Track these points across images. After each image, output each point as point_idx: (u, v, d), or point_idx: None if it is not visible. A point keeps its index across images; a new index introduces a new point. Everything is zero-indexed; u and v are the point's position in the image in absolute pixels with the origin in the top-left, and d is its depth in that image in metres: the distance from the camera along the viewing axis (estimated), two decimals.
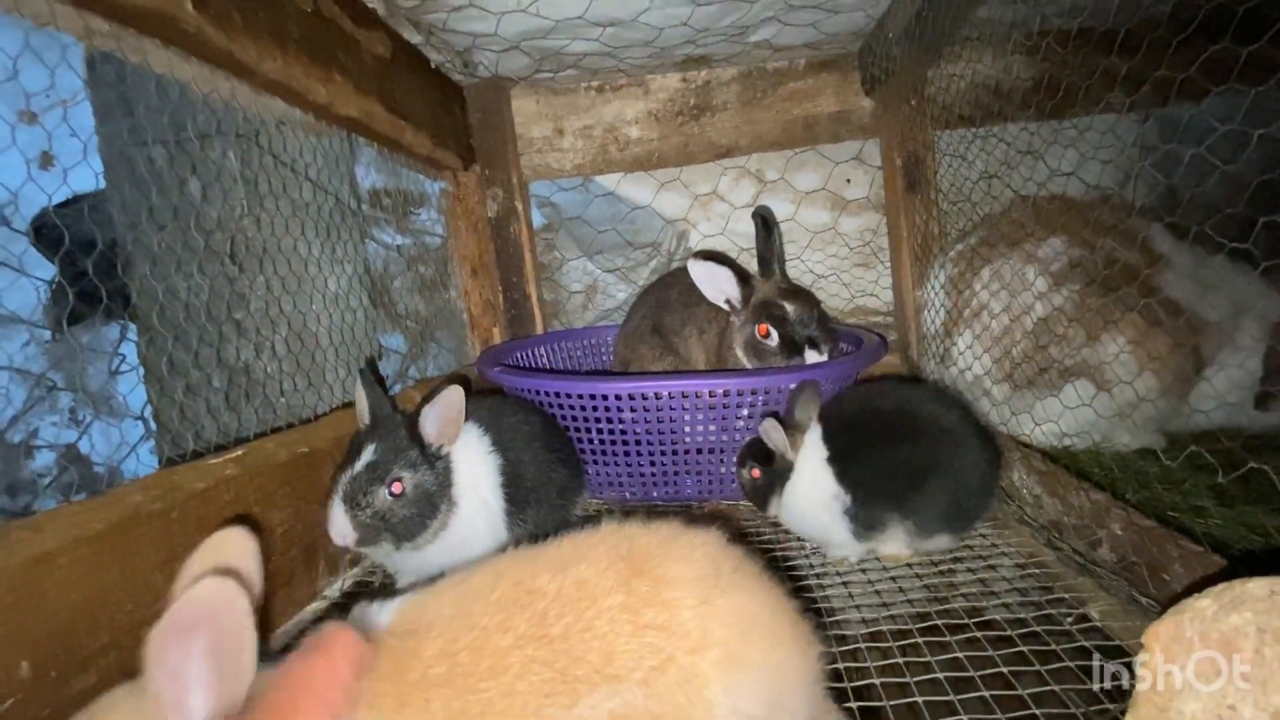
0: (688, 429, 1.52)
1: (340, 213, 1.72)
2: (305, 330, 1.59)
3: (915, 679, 0.91)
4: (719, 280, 1.64)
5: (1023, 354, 1.60)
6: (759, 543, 1.38)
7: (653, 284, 1.99)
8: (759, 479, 1.31)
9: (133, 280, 1.47)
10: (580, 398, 1.50)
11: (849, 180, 2.30)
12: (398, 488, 1.12)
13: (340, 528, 1.10)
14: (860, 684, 0.93)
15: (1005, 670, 0.91)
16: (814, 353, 1.56)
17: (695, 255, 1.66)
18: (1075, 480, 1.22)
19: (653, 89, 2.18)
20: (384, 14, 1.53)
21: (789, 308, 1.58)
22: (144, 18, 0.91)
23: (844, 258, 2.32)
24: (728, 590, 0.71)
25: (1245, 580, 0.64)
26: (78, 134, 1.17)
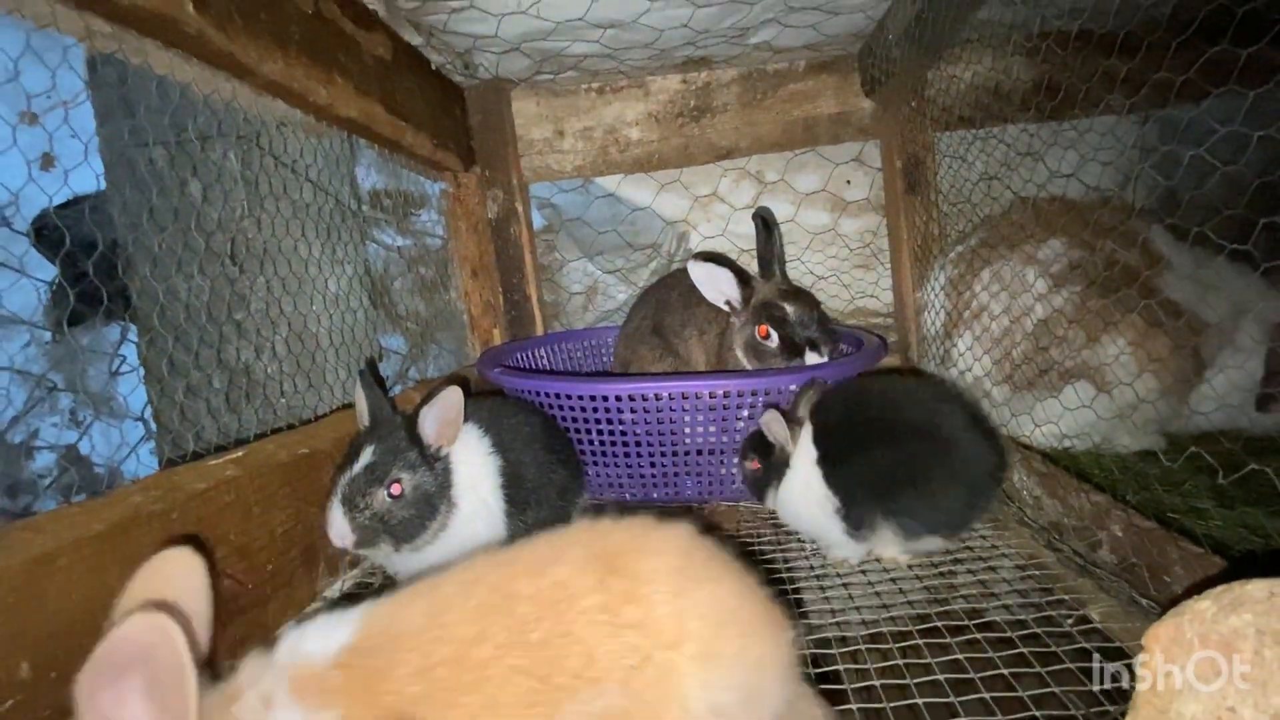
0: (688, 430, 1.52)
1: (341, 214, 1.72)
2: (305, 331, 1.59)
3: (915, 680, 0.91)
4: (719, 281, 1.64)
5: (1023, 355, 1.60)
6: (760, 543, 1.38)
7: (653, 285, 1.99)
8: (758, 471, 1.31)
9: (133, 281, 1.48)
10: (580, 399, 1.50)
11: (849, 182, 2.30)
12: (396, 489, 1.12)
13: (339, 529, 1.10)
14: (860, 685, 0.93)
15: (1005, 672, 0.91)
16: (814, 354, 1.56)
17: (695, 256, 1.67)
18: (1075, 482, 1.22)
19: (653, 90, 2.18)
20: (384, 15, 1.53)
21: (789, 309, 1.58)
22: (145, 19, 0.91)
23: (844, 259, 2.32)
24: (700, 582, 0.71)
25: (1245, 582, 0.64)
26: (79, 135, 1.17)
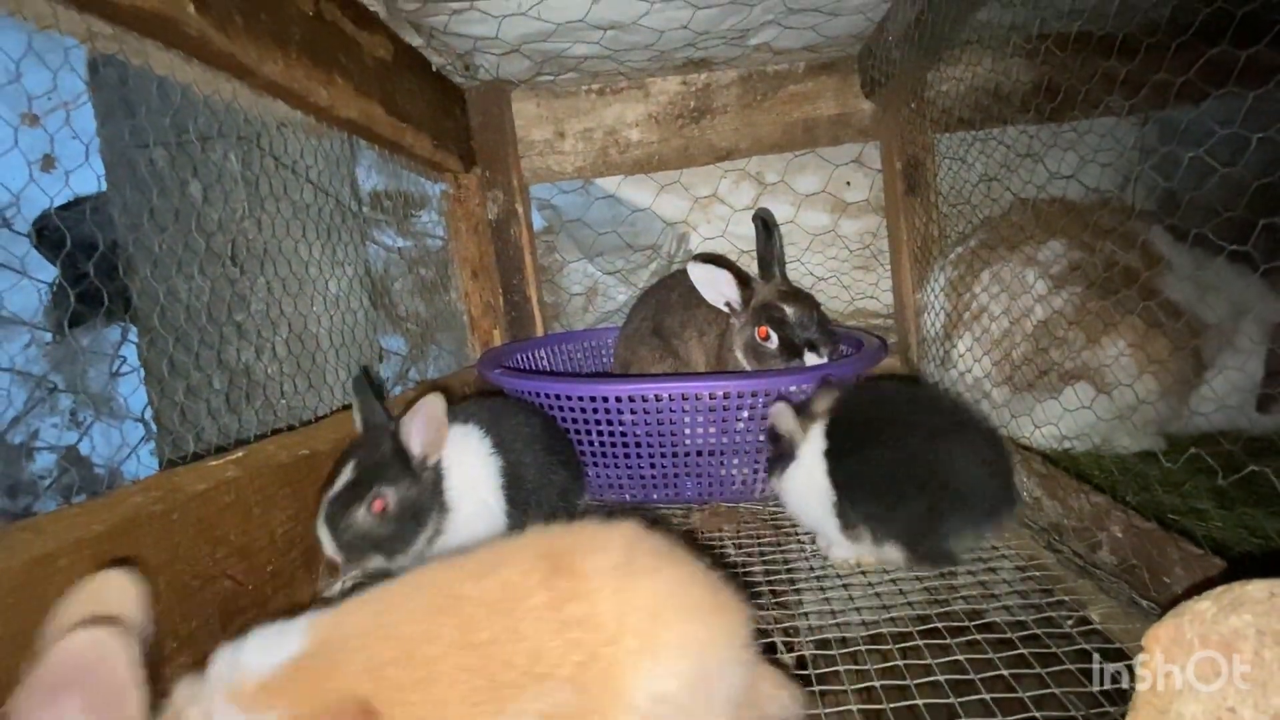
0: (688, 431, 1.52)
1: (341, 215, 1.72)
2: (306, 332, 1.59)
3: (915, 681, 0.91)
4: (719, 283, 1.64)
5: (1023, 357, 1.60)
6: (761, 544, 1.38)
7: (653, 286, 2.00)
8: (771, 454, 1.36)
9: (134, 282, 1.48)
10: (580, 400, 1.50)
11: (849, 183, 2.30)
12: (379, 505, 1.10)
13: (327, 548, 1.10)
14: (861, 686, 0.93)
15: (1006, 673, 0.91)
16: (813, 355, 1.56)
17: (695, 258, 1.67)
18: (1075, 483, 1.22)
19: (653, 92, 2.19)
20: (385, 17, 1.53)
21: (789, 310, 1.59)
22: (146, 20, 0.91)
23: (844, 260, 2.32)
24: (640, 575, 0.71)
25: (1245, 582, 0.64)
26: (79, 136, 1.17)
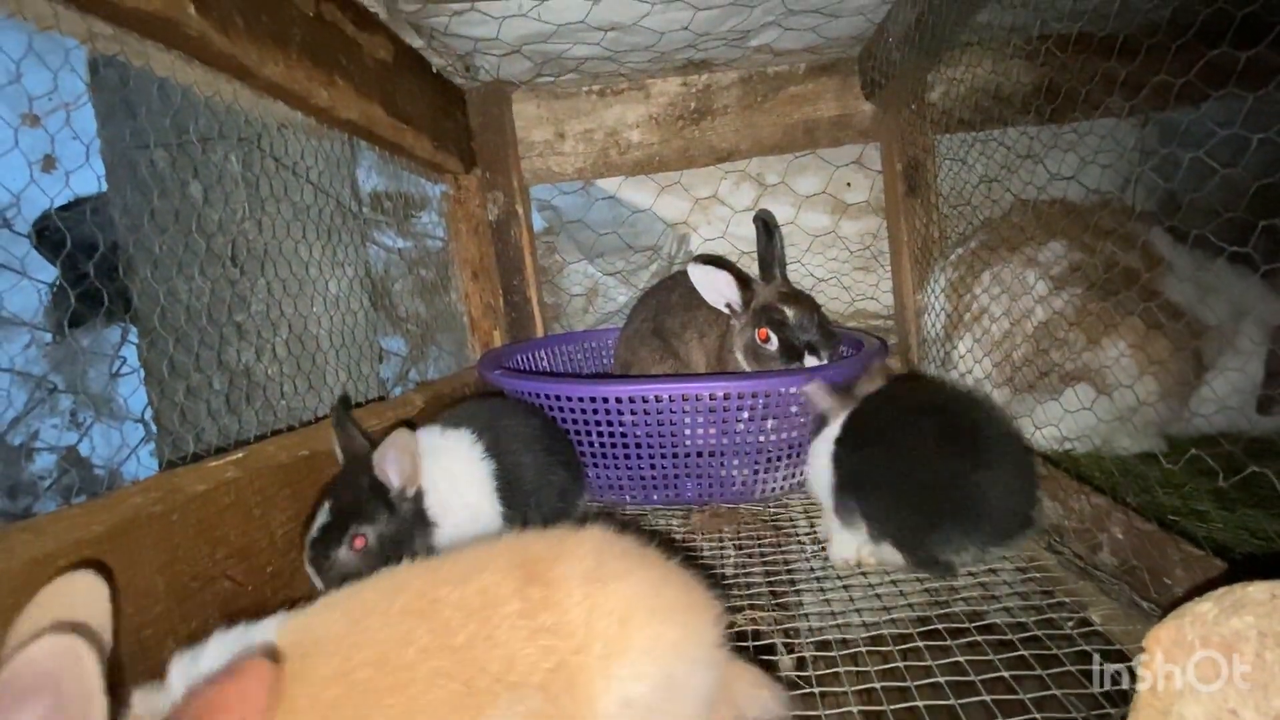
0: (688, 432, 1.52)
1: (341, 216, 1.72)
2: (306, 333, 1.59)
3: (916, 683, 0.91)
4: (719, 284, 1.64)
5: (1023, 358, 1.60)
6: (761, 545, 1.38)
7: (653, 287, 2.00)
8: (814, 421, 1.38)
9: (134, 283, 1.47)
10: (580, 400, 1.50)
11: (849, 184, 2.30)
12: (359, 543, 1.10)
13: (318, 585, 1.10)
14: (861, 688, 0.93)
15: (1006, 674, 0.90)
16: (813, 357, 1.56)
17: (695, 259, 1.67)
18: (1076, 484, 1.22)
19: (653, 93, 2.19)
20: (385, 18, 1.54)
21: (789, 312, 1.58)
22: (147, 21, 0.91)
23: (844, 261, 2.32)
24: (608, 581, 0.71)
25: (1246, 584, 0.63)
26: (80, 137, 1.17)
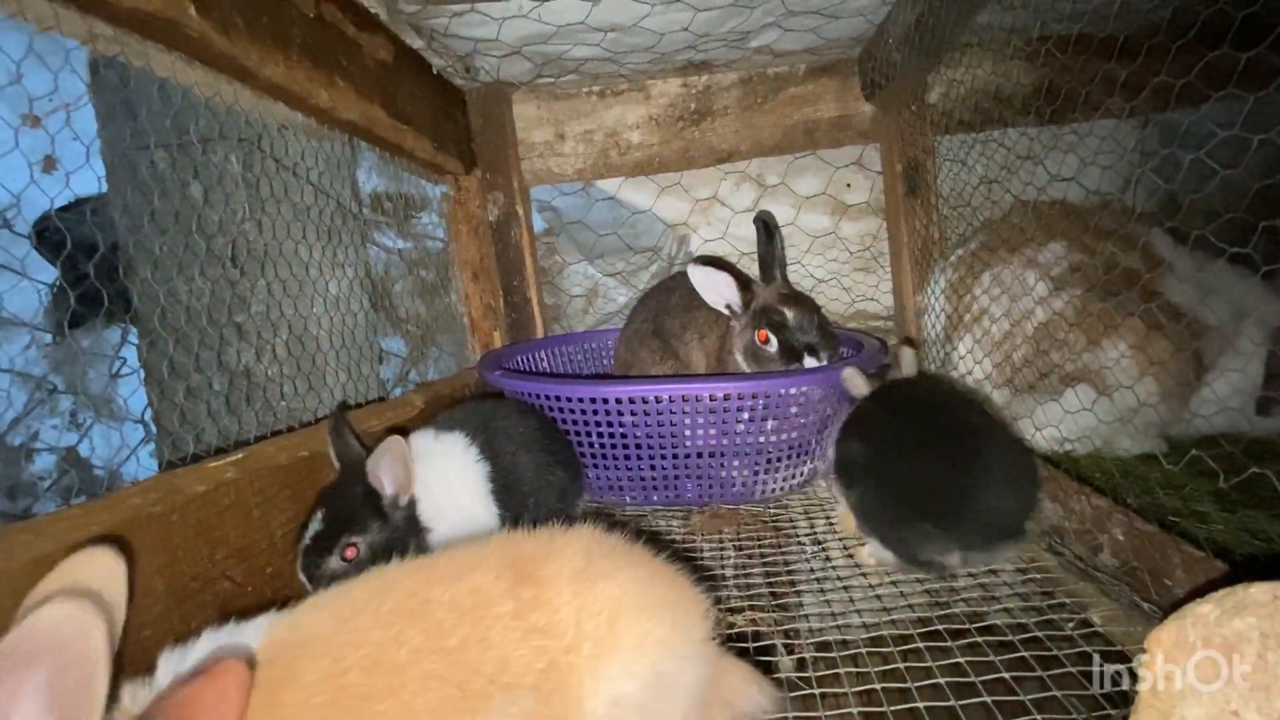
0: (688, 433, 1.51)
1: (341, 216, 1.72)
2: (306, 334, 1.59)
3: (916, 684, 0.91)
4: (719, 286, 1.64)
5: (1023, 359, 1.60)
6: (761, 546, 1.38)
7: (654, 288, 2.00)
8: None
9: (134, 283, 1.48)
10: (580, 401, 1.50)
11: (849, 185, 2.30)
12: (351, 553, 1.10)
13: (309, 591, 1.09)
14: (862, 689, 0.93)
15: (1007, 676, 0.90)
16: (813, 359, 1.56)
17: (695, 260, 1.66)
18: (1076, 485, 1.22)
19: (653, 94, 2.19)
20: (386, 19, 1.54)
21: (789, 314, 1.58)
22: (147, 22, 0.91)
23: (844, 262, 2.32)
24: (597, 579, 0.71)
25: (1248, 585, 0.64)
26: (80, 138, 1.17)
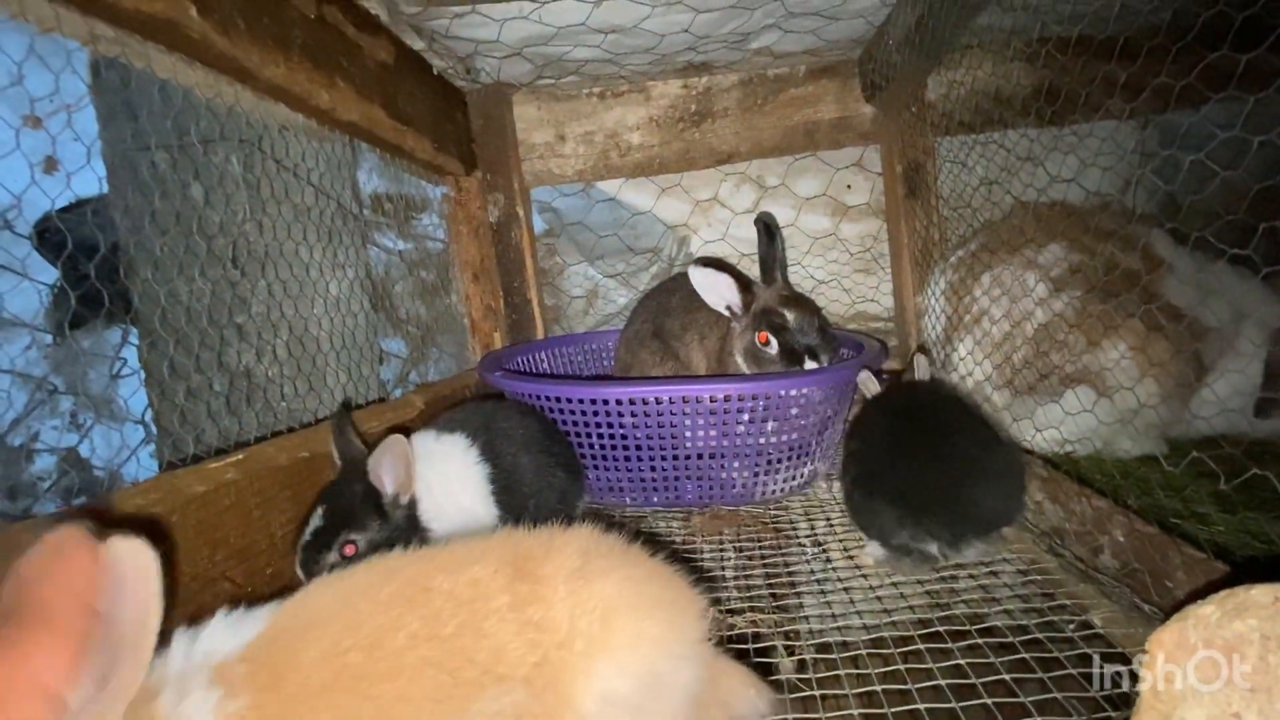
0: (688, 434, 1.51)
1: (342, 217, 1.72)
2: (306, 334, 1.59)
3: (917, 686, 0.91)
4: (719, 287, 1.64)
5: (1023, 360, 1.60)
6: (761, 547, 1.38)
7: (654, 289, 2.00)
8: None
9: (135, 284, 1.48)
10: (581, 402, 1.50)
11: (849, 186, 2.30)
12: (350, 550, 1.10)
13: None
14: (862, 691, 0.93)
15: (1007, 677, 0.90)
16: (813, 361, 1.56)
17: (695, 262, 1.66)
18: (1077, 486, 1.22)
19: (654, 95, 2.19)
20: (386, 20, 1.54)
21: (789, 316, 1.58)
22: (148, 23, 0.91)
23: (845, 263, 2.32)
24: (593, 577, 0.72)
25: (1249, 587, 0.63)
26: (81, 138, 1.17)
